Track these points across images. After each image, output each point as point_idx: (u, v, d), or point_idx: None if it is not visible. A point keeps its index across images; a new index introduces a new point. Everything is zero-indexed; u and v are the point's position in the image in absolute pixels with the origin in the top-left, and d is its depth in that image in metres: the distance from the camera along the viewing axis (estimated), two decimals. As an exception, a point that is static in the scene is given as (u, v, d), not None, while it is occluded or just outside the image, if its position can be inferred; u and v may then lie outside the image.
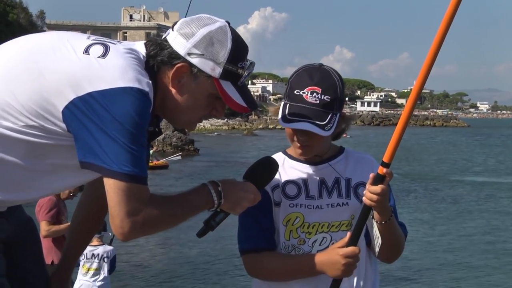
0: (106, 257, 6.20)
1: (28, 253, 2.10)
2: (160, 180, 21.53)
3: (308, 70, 2.07)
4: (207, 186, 1.88)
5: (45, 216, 5.76)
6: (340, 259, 1.97)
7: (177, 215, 1.82)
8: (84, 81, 1.70)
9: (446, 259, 12.52)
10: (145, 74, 1.77)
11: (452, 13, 1.73)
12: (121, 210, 1.68)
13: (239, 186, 1.94)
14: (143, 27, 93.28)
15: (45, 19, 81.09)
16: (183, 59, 1.83)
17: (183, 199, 1.84)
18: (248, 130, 67.92)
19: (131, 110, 1.67)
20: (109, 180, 1.68)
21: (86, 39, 1.85)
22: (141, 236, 1.79)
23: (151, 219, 1.74)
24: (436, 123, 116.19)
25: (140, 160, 1.70)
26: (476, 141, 63.06)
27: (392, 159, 1.89)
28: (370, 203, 1.93)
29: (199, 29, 1.84)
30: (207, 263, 11.65)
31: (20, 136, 1.74)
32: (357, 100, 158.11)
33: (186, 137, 39.42)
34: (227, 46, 1.84)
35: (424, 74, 1.80)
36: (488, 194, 22.57)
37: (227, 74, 1.85)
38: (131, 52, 1.82)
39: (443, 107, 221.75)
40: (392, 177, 1.93)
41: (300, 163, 2.15)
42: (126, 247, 11.40)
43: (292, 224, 2.11)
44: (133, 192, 1.68)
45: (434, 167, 32.74)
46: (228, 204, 1.90)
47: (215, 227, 1.97)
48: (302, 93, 2.01)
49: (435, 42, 1.76)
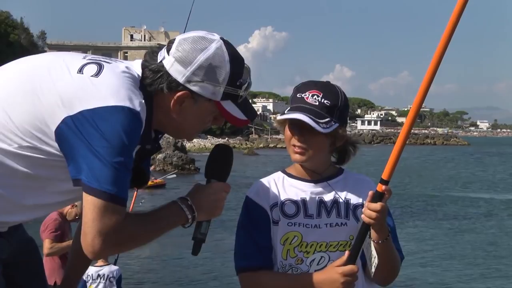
0: (112, 277, 6.15)
1: (29, 273, 2.10)
2: (162, 200, 21.46)
3: (314, 80, 2.15)
4: (178, 204, 1.87)
5: (50, 235, 5.73)
6: (339, 278, 1.96)
7: (150, 234, 1.82)
8: (76, 100, 1.70)
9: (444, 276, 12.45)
10: (138, 93, 1.78)
11: (451, 31, 1.74)
12: (94, 227, 1.67)
13: (207, 191, 1.94)
14: (144, 47, 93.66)
15: (46, 39, 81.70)
16: (183, 86, 1.84)
17: (156, 217, 1.83)
18: (249, 149, 67.88)
19: (120, 129, 1.68)
20: (88, 196, 1.67)
21: (81, 58, 1.86)
22: (111, 255, 1.78)
23: (123, 239, 1.74)
24: (436, 142, 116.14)
25: (121, 180, 1.69)
26: (477, 159, 62.99)
27: (391, 176, 1.89)
28: (369, 220, 1.92)
29: (197, 56, 1.83)
30: (203, 281, 11.58)
31: (16, 158, 1.75)
32: (358, 119, 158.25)
33: (186, 156, 39.43)
34: (226, 69, 1.85)
35: (423, 93, 1.81)
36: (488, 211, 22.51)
37: (227, 95, 1.87)
38: (126, 71, 1.82)
39: (443, 125, 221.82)
40: (391, 195, 1.93)
41: (299, 181, 2.15)
42: (130, 264, 11.33)
43: (290, 243, 2.09)
44: (109, 211, 1.67)
45: (433, 185, 32.68)
46: (204, 214, 1.91)
47: (204, 239, 1.97)
48: (304, 96, 2.05)
49: (433, 60, 1.77)
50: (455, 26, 1.74)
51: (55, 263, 5.74)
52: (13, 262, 1.99)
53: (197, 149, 61.01)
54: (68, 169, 1.71)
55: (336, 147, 2.14)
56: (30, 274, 2.10)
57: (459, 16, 1.72)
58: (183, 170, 37.31)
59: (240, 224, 2.14)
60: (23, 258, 2.06)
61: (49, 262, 5.66)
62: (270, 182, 2.17)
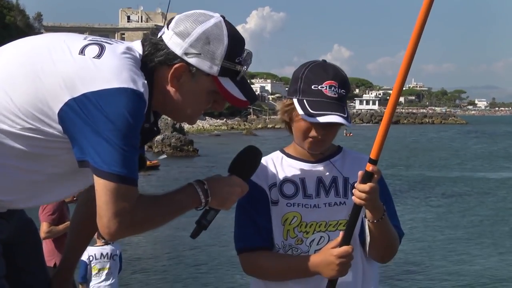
0: (115, 255, 6.17)
1: (28, 254, 2.10)
2: (157, 181, 21.52)
3: (320, 65, 2.08)
4: (193, 186, 1.88)
5: (47, 218, 5.75)
6: (334, 260, 1.96)
7: (165, 216, 1.83)
8: (79, 82, 1.70)
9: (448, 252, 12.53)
10: (140, 74, 1.77)
11: (426, 11, 1.75)
12: (109, 210, 1.69)
13: (225, 181, 1.94)
14: (140, 28, 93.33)
15: (42, 21, 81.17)
16: (180, 59, 1.83)
17: (170, 199, 1.84)
18: (247, 130, 67.91)
19: (125, 111, 1.67)
20: (99, 179, 1.68)
21: (82, 39, 1.85)
22: (127, 236, 1.80)
23: (138, 220, 1.75)
24: (434, 121, 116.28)
25: (131, 161, 1.70)
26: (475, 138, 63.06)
27: (379, 155, 1.88)
28: (360, 201, 1.91)
29: (195, 28, 1.83)
30: (205, 263, 11.66)
31: (18, 139, 1.74)
32: (356, 99, 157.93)
33: (185, 137, 39.40)
34: (224, 44, 1.83)
35: (404, 72, 1.81)
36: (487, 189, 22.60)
37: (225, 71, 1.85)
38: (127, 52, 1.82)
39: (441, 104, 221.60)
40: (380, 175, 1.92)
41: (298, 161, 2.15)
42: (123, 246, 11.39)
43: (290, 223, 2.10)
44: (121, 193, 1.68)
45: (431, 164, 32.76)
46: (216, 201, 1.91)
47: (207, 226, 1.98)
48: (321, 88, 2.02)
49: (412, 39, 1.78)
50: (430, 7, 1.74)
51: (52, 245, 5.76)
52: (12, 243, 2.00)
53: (195, 130, 60.84)
54: (73, 151, 1.71)
55: None
56: (30, 255, 2.11)
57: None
58: (181, 151, 37.31)
59: (239, 204, 2.14)
60: (22, 239, 2.06)
61: (49, 244, 5.69)
62: (268, 162, 2.17)
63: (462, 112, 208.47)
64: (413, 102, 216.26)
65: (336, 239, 1.99)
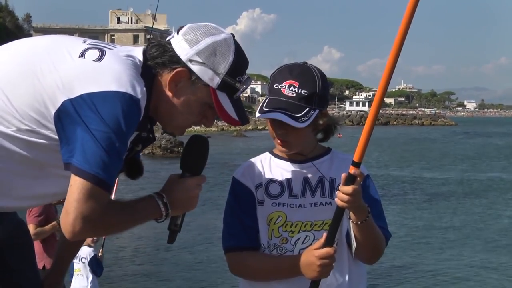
0: (83, 258, 6.07)
1: (20, 256, 2.10)
2: (148, 183, 21.45)
3: (290, 66, 2.11)
4: (155, 199, 1.87)
5: (34, 220, 5.71)
6: (315, 261, 1.96)
7: (128, 223, 1.84)
8: (77, 84, 1.71)
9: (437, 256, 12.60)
10: (140, 80, 1.78)
11: (411, 11, 1.77)
12: (78, 209, 1.67)
13: (180, 188, 1.92)
14: (130, 30, 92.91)
15: (31, 22, 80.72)
16: (183, 64, 1.85)
17: (135, 208, 1.84)
18: (238, 132, 67.75)
19: (119, 115, 1.68)
20: (76, 177, 1.67)
21: (82, 43, 1.86)
22: (86, 238, 1.79)
23: (103, 225, 1.75)
24: (424, 122, 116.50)
25: (112, 167, 1.70)
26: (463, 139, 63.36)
27: (362, 158, 1.89)
28: (342, 204, 1.91)
29: (204, 38, 1.85)
30: (197, 262, 11.64)
31: (13, 141, 1.75)
32: (346, 100, 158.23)
33: (175, 139, 39.30)
34: (229, 59, 1.85)
35: (388, 75, 1.81)
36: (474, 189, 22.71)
37: (225, 86, 1.87)
38: (128, 57, 1.83)
39: (430, 106, 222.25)
40: (363, 178, 1.93)
41: (285, 161, 2.17)
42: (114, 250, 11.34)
43: (274, 223, 2.11)
44: (96, 195, 1.67)
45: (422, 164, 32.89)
46: (177, 211, 1.92)
47: (179, 229, 2.00)
48: (280, 87, 2.05)
49: (396, 40, 1.80)
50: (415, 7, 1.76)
51: (41, 248, 5.73)
52: (4, 245, 2.00)
53: (185, 132, 60.53)
54: (61, 152, 1.71)
55: (320, 128, 2.15)
56: (22, 257, 2.11)
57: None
58: (172, 153, 37.18)
59: (227, 204, 2.18)
60: (14, 240, 2.06)
61: (37, 246, 5.66)
62: (256, 162, 2.20)
63: (452, 114, 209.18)
64: (403, 104, 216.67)
65: (319, 240, 2.00)
